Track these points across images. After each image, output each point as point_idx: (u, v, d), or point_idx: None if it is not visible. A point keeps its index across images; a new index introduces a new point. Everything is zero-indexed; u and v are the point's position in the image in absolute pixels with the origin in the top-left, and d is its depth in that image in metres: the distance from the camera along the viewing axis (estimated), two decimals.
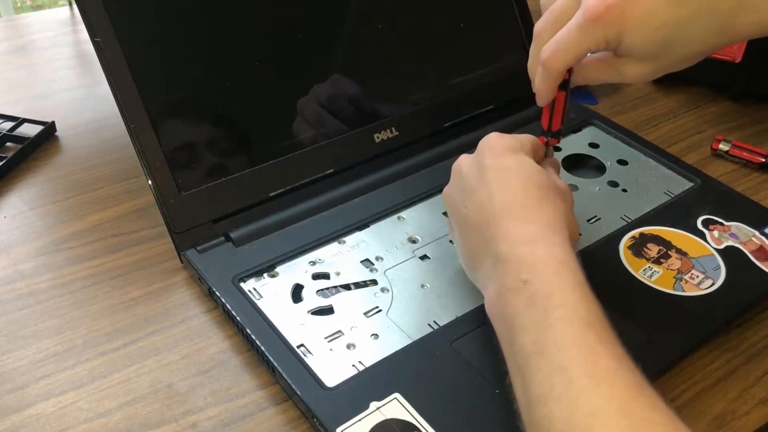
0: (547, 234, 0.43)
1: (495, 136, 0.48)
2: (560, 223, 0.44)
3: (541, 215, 0.44)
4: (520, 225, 0.43)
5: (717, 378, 0.49)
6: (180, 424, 0.45)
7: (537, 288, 0.40)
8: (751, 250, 0.55)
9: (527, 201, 0.45)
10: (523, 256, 0.42)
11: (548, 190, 0.46)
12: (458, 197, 0.48)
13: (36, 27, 0.92)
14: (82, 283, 0.55)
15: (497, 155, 0.47)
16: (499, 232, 0.43)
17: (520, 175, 0.46)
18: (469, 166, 0.48)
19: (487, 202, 0.45)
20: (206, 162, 0.57)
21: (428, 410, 0.43)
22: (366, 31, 0.64)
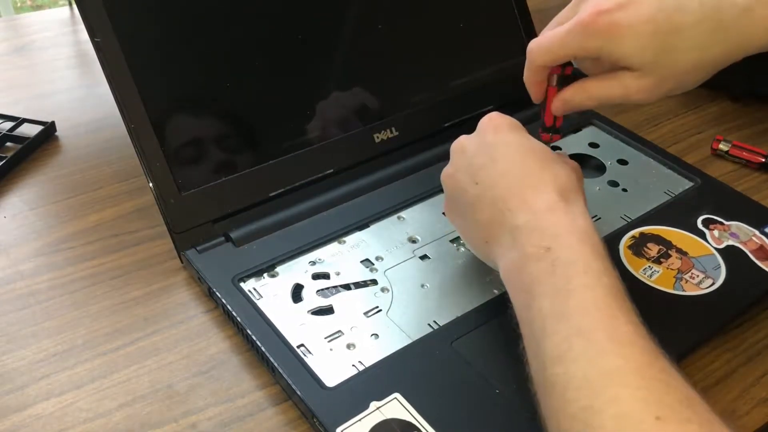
0: (567, 202, 0.43)
1: (496, 114, 0.49)
2: (577, 193, 0.45)
3: (559, 184, 0.44)
4: (539, 195, 0.43)
5: (717, 378, 0.49)
6: (180, 424, 0.45)
7: (560, 254, 0.40)
8: (751, 249, 0.55)
9: (543, 171, 0.45)
10: (546, 224, 0.42)
11: (560, 161, 0.46)
12: (464, 176, 0.48)
13: (36, 27, 0.92)
14: (82, 283, 0.55)
15: (502, 131, 0.47)
16: (518, 203, 0.44)
17: (529, 148, 0.46)
18: (474, 144, 0.48)
19: (502, 175, 0.45)
20: (206, 162, 0.57)
21: (428, 410, 0.43)
22: (366, 31, 0.64)
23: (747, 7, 0.42)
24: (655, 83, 0.45)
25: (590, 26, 0.44)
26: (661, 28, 0.42)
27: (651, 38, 0.43)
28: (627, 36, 0.43)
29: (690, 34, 0.43)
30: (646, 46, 0.43)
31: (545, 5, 1.02)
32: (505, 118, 0.49)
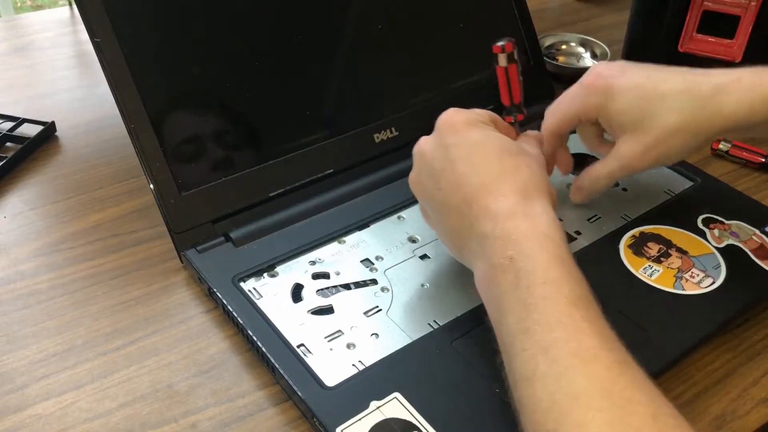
0: (528, 203, 0.43)
1: (452, 111, 0.48)
2: (539, 189, 0.44)
3: (519, 183, 0.44)
4: (499, 199, 0.43)
5: (717, 378, 0.49)
6: (180, 424, 0.45)
7: (521, 265, 0.40)
8: (751, 248, 0.55)
9: (502, 171, 0.45)
10: (508, 232, 0.42)
11: (520, 155, 0.46)
12: (428, 181, 0.48)
13: (36, 27, 0.92)
14: (82, 283, 0.55)
15: (459, 131, 0.47)
16: (480, 209, 0.43)
17: (488, 147, 0.46)
18: (432, 147, 0.48)
19: (462, 180, 0.45)
20: (206, 162, 0.57)
21: (428, 410, 0.43)
22: (366, 31, 0.64)
23: (719, 83, 0.49)
24: (644, 147, 0.51)
25: (591, 86, 0.52)
26: (648, 94, 0.50)
27: (639, 101, 0.50)
28: (620, 96, 0.51)
29: (671, 101, 0.49)
30: (634, 106, 0.50)
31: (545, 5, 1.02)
32: (460, 114, 0.48)
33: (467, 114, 0.48)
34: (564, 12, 1.00)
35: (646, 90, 0.50)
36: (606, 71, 0.52)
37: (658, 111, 0.50)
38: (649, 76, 0.51)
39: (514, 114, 0.52)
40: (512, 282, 0.40)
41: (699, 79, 0.49)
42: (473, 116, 0.48)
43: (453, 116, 0.48)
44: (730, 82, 0.48)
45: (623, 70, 0.52)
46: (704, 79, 0.49)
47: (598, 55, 0.84)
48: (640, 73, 0.51)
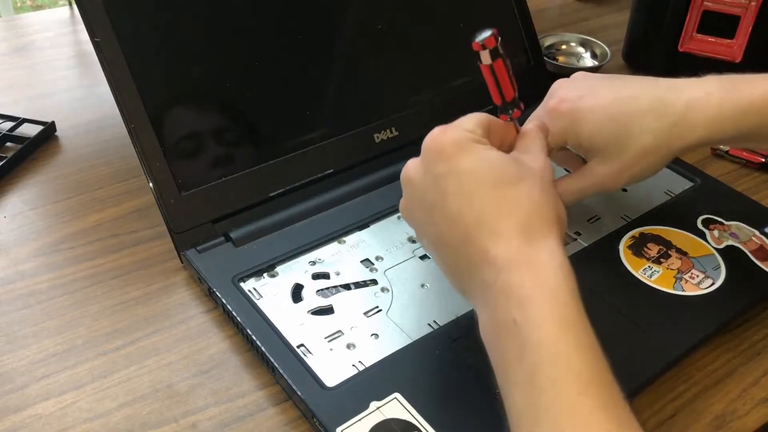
0: (532, 246, 0.38)
1: (438, 133, 0.42)
2: (544, 223, 0.40)
3: (520, 220, 0.39)
4: (500, 241, 0.39)
5: (717, 378, 0.49)
6: (180, 424, 0.45)
7: (527, 333, 0.36)
8: (751, 249, 0.55)
9: (500, 207, 0.40)
10: (512, 286, 0.37)
11: (520, 180, 0.41)
12: (421, 214, 0.43)
13: (36, 27, 0.92)
14: (82, 283, 0.55)
15: (449, 158, 0.41)
16: (480, 253, 0.39)
17: (482, 176, 0.40)
18: (421, 175, 0.43)
19: (457, 216, 0.40)
20: (206, 162, 0.57)
21: (428, 410, 0.43)
22: (366, 31, 0.64)
23: (689, 100, 0.47)
24: (620, 168, 0.49)
25: (555, 111, 0.50)
26: (616, 114, 0.48)
27: (608, 122, 0.48)
28: (587, 119, 0.49)
29: (641, 120, 0.48)
30: (603, 127, 0.49)
31: (545, 5, 1.02)
32: (448, 135, 0.42)
33: (456, 133, 0.42)
34: (564, 12, 1.00)
35: (615, 111, 0.48)
36: (570, 93, 0.50)
37: (630, 133, 0.48)
38: (617, 96, 0.49)
39: (510, 111, 0.46)
40: (518, 353, 0.36)
41: (668, 96, 0.48)
42: (463, 135, 0.42)
43: (440, 139, 0.42)
44: (699, 98, 0.47)
45: (589, 89, 0.50)
46: (674, 95, 0.48)
47: (598, 55, 0.84)
48: (607, 92, 0.49)
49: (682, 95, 0.48)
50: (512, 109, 0.46)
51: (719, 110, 0.47)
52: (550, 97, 0.51)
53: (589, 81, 0.51)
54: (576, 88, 0.51)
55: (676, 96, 0.48)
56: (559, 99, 0.50)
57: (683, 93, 0.48)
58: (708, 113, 0.47)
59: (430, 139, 0.43)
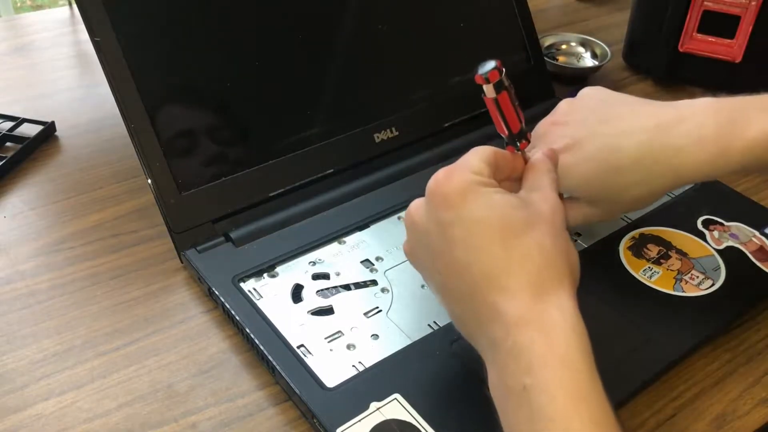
0: (543, 304, 0.37)
1: (443, 178, 0.40)
2: (555, 276, 0.38)
3: (530, 275, 0.37)
4: (509, 298, 0.37)
5: (717, 378, 0.49)
6: (180, 424, 0.45)
7: (538, 404, 0.35)
8: (751, 250, 0.55)
9: (509, 260, 0.38)
10: (522, 349, 0.36)
11: (529, 228, 0.39)
12: (426, 259, 0.42)
13: (36, 27, 0.92)
14: (82, 283, 0.55)
15: (455, 205, 0.39)
16: (489, 309, 0.38)
17: (491, 226, 0.38)
18: (425, 220, 0.41)
19: (464, 268, 0.39)
20: (206, 162, 0.57)
21: (428, 410, 0.43)
22: (366, 31, 0.64)
23: (679, 149, 0.45)
24: (606, 212, 0.49)
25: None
26: (602, 167, 0.46)
27: (594, 176, 0.47)
28: (573, 173, 0.47)
29: (629, 173, 0.46)
30: (590, 182, 0.47)
31: (545, 5, 1.02)
32: (453, 179, 0.40)
33: (461, 176, 0.40)
34: (564, 12, 1.00)
35: (599, 163, 0.47)
36: (558, 141, 0.48)
37: (616, 184, 0.47)
38: (602, 145, 0.47)
39: (517, 143, 0.44)
40: (528, 421, 0.35)
41: (657, 141, 0.46)
42: (469, 179, 0.40)
43: (444, 185, 0.40)
44: (691, 144, 0.45)
45: (573, 138, 0.48)
46: (664, 140, 0.46)
47: (598, 55, 0.84)
48: (594, 141, 0.47)
49: (674, 140, 0.45)
50: (519, 140, 0.44)
51: (712, 158, 0.45)
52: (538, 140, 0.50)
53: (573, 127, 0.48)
54: (560, 135, 0.48)
55: (667, 141, 0.46)
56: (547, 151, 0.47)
57: (675, 135, 0.46)
58: (699, 162, 0.45)
59: (434, 184, 0.40)
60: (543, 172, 0.44)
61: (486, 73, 0.42)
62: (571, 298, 0.38)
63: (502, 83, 0.42)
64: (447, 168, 0.41)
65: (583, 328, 0.37)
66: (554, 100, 0.72)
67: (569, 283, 0.38)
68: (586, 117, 0.49)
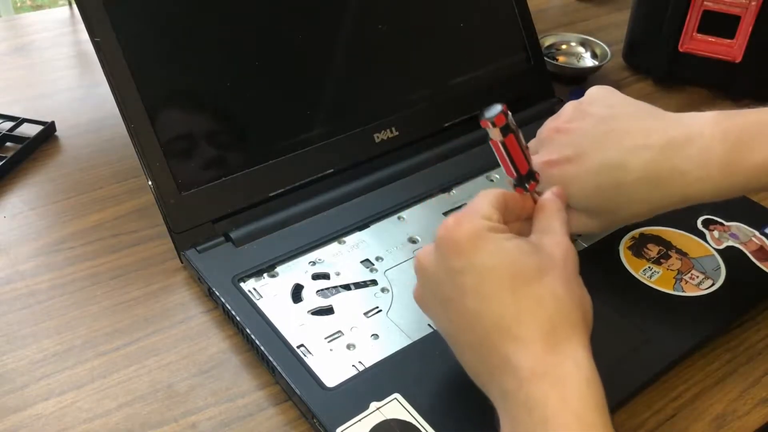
0: (556, 355, 0.36)
1: (453, 225, 0.39)
2: (567, 324, 0.37)
3: (543, 324, 0.37)
4: (521, 348, 0.36)
5: (717, 378, 0.49)
6: (180, 424, 0.45)
7: None
8: (751, 250, 0.55)
9: (521, 308, 0.37)
10: (535, 402, 0.35)
11: (541, 275, 0.38)
12: (436, 307, 0.41)
13: (36, 27, 0.92)
14: (82, 283, 0.55)
15: (465, 253, 0.38)
16: (501, 359, 0.37)
17: (502, 274, 0.38)
18: (435, 267, 0.40)
19: (475, 318, 0.38)
20: (206, 162, 0.57)
21: (428, 410, 0.43)
22: (366, 31, 0.64)
23: (684, 172, 0.45)
24: (605, 224, 0.49)
25: (543, 175, 0.47)
26: (604, 183, 0.46)
27: (595, 190, 0.47)
28: (574, 185, 0.47)
29: (630, 190, 0.46)
30: (590, 196, 0.47)
31: (545, 5, 1.02)
32: (463, 227, 0.39)
33: (471, 223, 0.39)
34: (564, 12, 1.00)
35: (601, 178, 0.46)
36: (559, 152, 0.48)
37: (616, 201, 0.47)
38: (607, 160, 0.46)
39: (525, 185, 0.43)
40: None
41: (663, 162, 0.45)
42: (479, 226, 0.39)
43: (454, 231, 0.39)
44: (696, 168, 0.44)
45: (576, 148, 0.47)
46: (668, 162, 0.45)
47: (598, 55, 0.84)
48: (598, 155, 0.46)
49: (680, 162, 0.45)
50: (528, 182, 0.43)
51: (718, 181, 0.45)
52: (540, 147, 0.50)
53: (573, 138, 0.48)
54: (560, 148, 0.48)
55: (672, 163, 0.45)
56: (546, 161, 0.47)
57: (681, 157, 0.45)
58: (705, 182, 0.45)
59: (444, 231, 0.40)
60: (553, 214, 0.43)
61: (492, 117, 0.41)
62: (584, 347, 0.37)
63: (509, 126, 0.42)
64: (456, 214, 0.40)
65: (597, 379, 0.36)
66: (554, 100, 0.73)
67: (583, 331, 0.38)
68: (592, 126, 0.48)
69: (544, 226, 0.42)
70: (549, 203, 0.43)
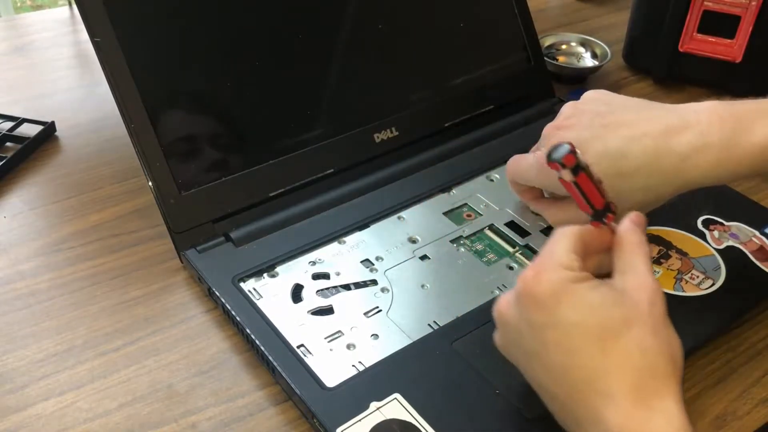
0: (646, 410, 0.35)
1: (532, 279, 0.38)
2: (657, 372, 0.36)
3: (632, 375, 0.36)
4: (609, 404, 0.35)
5: (717, 378, 0.49)
6: (180, 424, 0.45)
7: None
8: (751, 250, 0.55)
9: (608, 362, 0.36)
10: None
11: (628, 327, 0.37)
12: (520, 357, 0.40)
13: (36, 27, 0.92)
14: (82, 283, 0.55)
15: (548, 308, 0.37)
16: (589, 413, 0.36)
17: (586, 328, 0.37)
18: (516, 319, 0.39)
19: (560, 372, 0.37)
20: (206, 162, 0.57)
21: (428, 410, 0.43)
22: (366, 31, 0.64)
23: (685, 156, 0.45)
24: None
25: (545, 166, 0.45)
26: (607, 172, 0.45)
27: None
28: None
29: (633, 179, 0.46)
30: None
31: (545, 5, 1.02)
32: (544, 280, 0.38)
33: (551, 276, 0.38)
34: (564, 12, 1.00)
35: (603, 168, 0.46)
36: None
37: (619, 190, 0.46)
38: (607, 150, 0.47)
39: (603, 218, 0.41)
40: None
41: (662, 148, 0.46)
42: (559, 278, 0.38)
43: (534, 286, 0.38)
44: (695, 151, 0.45)
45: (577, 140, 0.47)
46: (668, 147, 0.46)
47: (598, 55, 0.84)
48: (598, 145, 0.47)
49: (679, 147, 0.45)
50: (605, 215, 0.41)
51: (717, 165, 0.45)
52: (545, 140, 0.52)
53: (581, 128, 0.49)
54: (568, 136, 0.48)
55: (672, 149, 0.46)
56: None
57: (680, 142, 0.46)
58: (705, 170, 0.45)
59: (523, 286, 0.38)
60: (634, 249, 0.40)
61: (560, 158, 0.40)
62: (675, 399, 0.36)
63: (579, 165, 0.40)
64: (535, 266, 0.39)
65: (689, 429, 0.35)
66: (554, 100, 0.72)
67: (673, 381, 0.36)
68: (591, 120, 0.49)
69: (626, 265, 0.40)
70: (628, 236, 0.41)
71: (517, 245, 0.56)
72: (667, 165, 0.46)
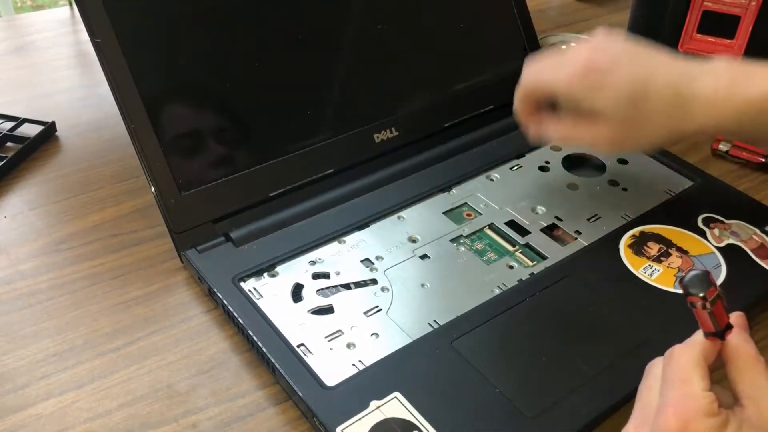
0: None
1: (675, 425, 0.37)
2: None
3: None
4: None
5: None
6: (180, 424, 0.45)
7: None
8: (751, 248, 0.55)
9: None
10: None
11: None
12: None
13: (36, 27, 0.92)
14: (82, 283, 0.55)
15: None
16: None
17: None
18: None
19: None
20: (206, 162, 0.57)
21: (428, 409, 0.43)
22: (366, 31, 0.64)
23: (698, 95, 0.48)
24: (620, 138, 0.50)
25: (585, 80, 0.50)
26: (634, 89, 0.49)
27: (627, 99, 0.49)
28: (608, 91, 0.49)
29: (655, 103, 0.49)
30: (620, 103, 0.49)
31: (545, 5, 1.02)
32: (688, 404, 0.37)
33: (698, 427, 0.37)
34: (564, 12, 1.00)
35: (634, 88, 0.49)
36: (601, 62, 0.50)
37: (644, 110, 0.49)
38: (637, 75, 0.49)
39: (723, 335, 0.40)
40: None
41: (682, 85, 0.49)
42: (706, 428, 0.37)
43: (682, 411, 0.37)
44: (707, 94, 0.48)
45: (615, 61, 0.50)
46: (687, 85, 0.49)
47: None
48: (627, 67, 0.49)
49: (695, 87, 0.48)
50: (726, 332, 0.40)
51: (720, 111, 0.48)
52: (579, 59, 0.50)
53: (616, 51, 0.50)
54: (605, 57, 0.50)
55: (689, 88, 0.49)
56: (589, 69, 0.50)
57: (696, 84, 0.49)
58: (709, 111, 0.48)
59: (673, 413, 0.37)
60: (756, 368, 0.39)
61: (703, 293, 0.38)
62: None
63: (719, 295, 0.38)
64: (677, 409, 0.37)
65: None
66: None
67: None
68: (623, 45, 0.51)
69: (754, 389, 0.39)
70: (745, 356, 0.39)
71: (517, 244, 0.56)
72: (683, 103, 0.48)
